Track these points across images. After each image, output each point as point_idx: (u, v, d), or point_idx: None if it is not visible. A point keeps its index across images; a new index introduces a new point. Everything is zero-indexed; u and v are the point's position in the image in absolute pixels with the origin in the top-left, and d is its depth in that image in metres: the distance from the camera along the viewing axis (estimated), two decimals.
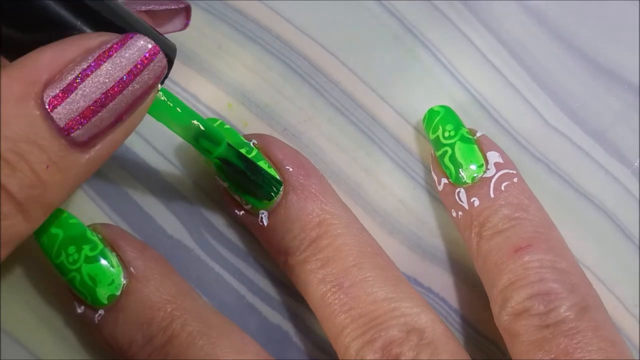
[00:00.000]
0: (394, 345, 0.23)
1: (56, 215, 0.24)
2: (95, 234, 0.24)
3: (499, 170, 0.26)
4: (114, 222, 0.27)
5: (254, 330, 0.27)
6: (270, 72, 0.29)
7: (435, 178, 0.28)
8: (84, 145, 0.19)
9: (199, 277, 0.27)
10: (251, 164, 0.25)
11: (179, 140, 0.27)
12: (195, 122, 0.23)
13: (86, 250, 0.23)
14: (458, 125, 0.27)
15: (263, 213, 0.25)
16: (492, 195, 0.26)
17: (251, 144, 0.26)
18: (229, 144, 0.24)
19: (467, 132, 0.27)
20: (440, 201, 0.29)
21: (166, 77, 0.21)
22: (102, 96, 0.19)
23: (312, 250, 0.25)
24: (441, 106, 0.28)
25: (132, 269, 0.24)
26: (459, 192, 0.26)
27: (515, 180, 0.26)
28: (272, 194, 0.25)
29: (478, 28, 0.30)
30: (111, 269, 0.23)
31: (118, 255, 0.24)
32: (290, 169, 0.26)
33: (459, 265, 0.29)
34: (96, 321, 0.23)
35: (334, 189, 0.27)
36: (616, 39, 0.31)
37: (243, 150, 0.25)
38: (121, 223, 0.27)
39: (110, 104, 0.19)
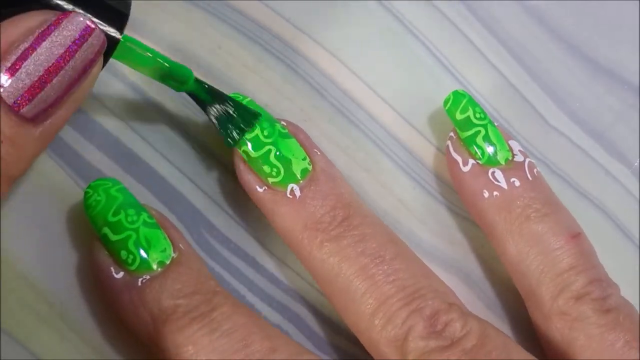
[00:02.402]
0: (441, 314, 0.23)
1: (116, 182, 0.25)
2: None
3: (526, 158, 0.27)
4: None
5: None
6: (270, 72, 0.29)
7: (460, 159, 0.27)
8: (34, 120, 0.21)
9: None
10: (221, 96, 0.25)
11: (178, 139, 0.27)
12: (160, 62, 0.24)
13: (144, 216, 0.24)
14: (483, 110, 0.28)
15: (294, 186, 0.25)
16: (530, 178, 0.27)
17: (282, 123, 0.26)
18: (197, 80, 0.25)
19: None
20: (441, 201, 0.29)
21: (124, 27, 0.22)
22: (45, 74, 0.21)
23: (345, 226, 0.25)
24: (463, 90, 0.28)
25: (180, 245, 0.24)
26: (494, 172, 0.27)
27: (538, 169, 0.27)
28: (248, 125, 0.25)
29: (478, 28, 0.30)
30: (164, 239, 0.24)
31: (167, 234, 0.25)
32: (319, 153, 0.26)
33: (459, 265, 0.29)
34: (139, 284, 0.23)
35: None
36: (616, 39, 0.31)
37: (279, 125, 0.26)
38: None
39: (53, 81, 0.21)
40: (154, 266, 0.24)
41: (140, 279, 0.24)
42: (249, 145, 0.25)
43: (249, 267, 0.27)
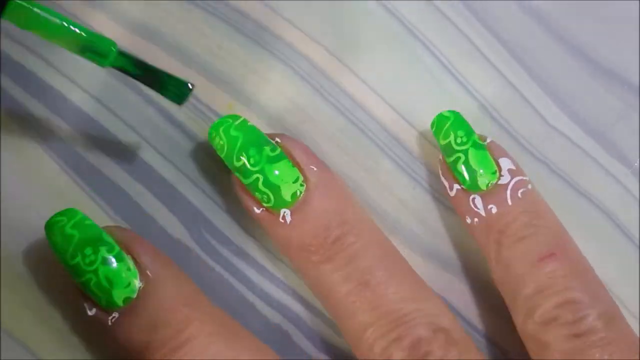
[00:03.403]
0: (423, 344, 0.23)
1: (71, 216, 0.24)
2: (111, 236, 0.24)
3: (514, 177, 0.26)
4: (114, 222, 0.27)
5: (254, 329, 0.27)
6: (271, 72, 0.29)
7: (447, 184, 0.27)
8: None
9: (200, 277, 0.27)
10: (151, 70, 0.24)
11: (179, 140, 0.27)
12: (76, 35, 0.22)
13: (103, 251, 0.23)
14: (469, 131, 0.27)
15: (285, 211, 0.25)
16: (509, 202, 0.26)
17: (274, 142, 0.26)
18: (121, 52, 0.23)
19: (478, 138, 0.27)
20: (441, 201, 0.29)
21: None
22: None
23: (336, 248, 0.25)
24: (450, 111, 0.27)
25: (148, 272, 0.24)
26: (474, 198, 0.26)
27: (530, 187, 0.26)
28: (179, 98, 0.24)
29: (478, 28, 0.30)
30: (127, 271, 0.23)
31: (133, 258, 0.24)
32: (315, 169, 0.26)
33: (460, 265, 0.29)
34: (110, 323, 0.23)
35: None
36: (616, 39, 0.31)
37: (267, 148, 0.25)
38: (121, 223, 0.27)
39: None
40: (121, 303, 0.23)
41: (109, 318, 0.23)
42: (239, 173, 0.25)
43: (249, 267, 0.27)
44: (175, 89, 0.24)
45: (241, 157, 0.25)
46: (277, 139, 0.26)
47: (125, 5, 0.28)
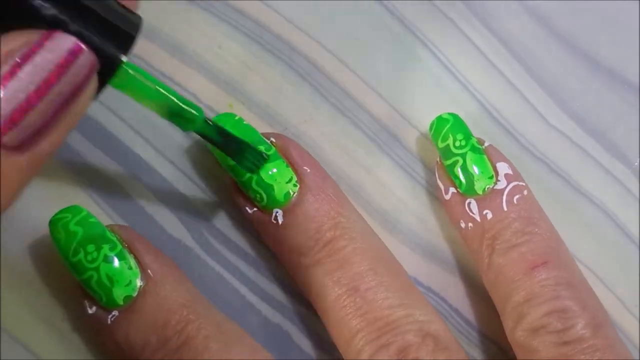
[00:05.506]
0: (411, 350, 0.23)
1: (76, 213, 0.24)
2: (114, 234, 0.24)
3: (510, 183, 0.26)
4: (114, 222, 0.27)
5: (254, 329, 0.27)
6: (271, 72, 0.29)
7: (442, 187, 0.27)
8: (19, 148, 0.18)
9: (200, 277, 0.27)
10: (232, 139, 0.24)
11: (179, 140, 0.27)
12: (168, 100, 0.22)
13: (105, 249, 0.23)
14: (468, 134, 0.27)
15: (278, 211, 0.25)
16: (505, 209, 0.26)
17: (269, 142, 0.26)
18: (206, 120, 0.23)
19: (477, 142, 0.27)
20: (441, 201, 0.29)
21: (129, 50, 0.20)
22: (27, 100, 0.18)
23: (327, 251, 0.25)
24: (450, 114, 0.27)
25: (149, 271, 0.24)
26: (470, 203, 0.26)
27: (526, 192, 0.26)
28: (254, 167, 0.25)
29: (478, 28, 0.30)
30: (128, 270, 0.23)
31: (135, 258, 0.24)
32: (308, 170, 0.26)
33: (459, 264, 0.29)
34: (109, 322, 0.23)
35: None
36: (616, 38, 0.31)
37: (262, 147, 0.25)
38: (121, 222, 0.27)
39: (38, 107, 0.18)
40: (121, 302, 0.23)
41: (109, 317, 0.23)
42: (233, 172, 0.25)
43: (249, 267, 0.27)
44: (252, 158, 0.24)
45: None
46: (272, 139, 0.26)
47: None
